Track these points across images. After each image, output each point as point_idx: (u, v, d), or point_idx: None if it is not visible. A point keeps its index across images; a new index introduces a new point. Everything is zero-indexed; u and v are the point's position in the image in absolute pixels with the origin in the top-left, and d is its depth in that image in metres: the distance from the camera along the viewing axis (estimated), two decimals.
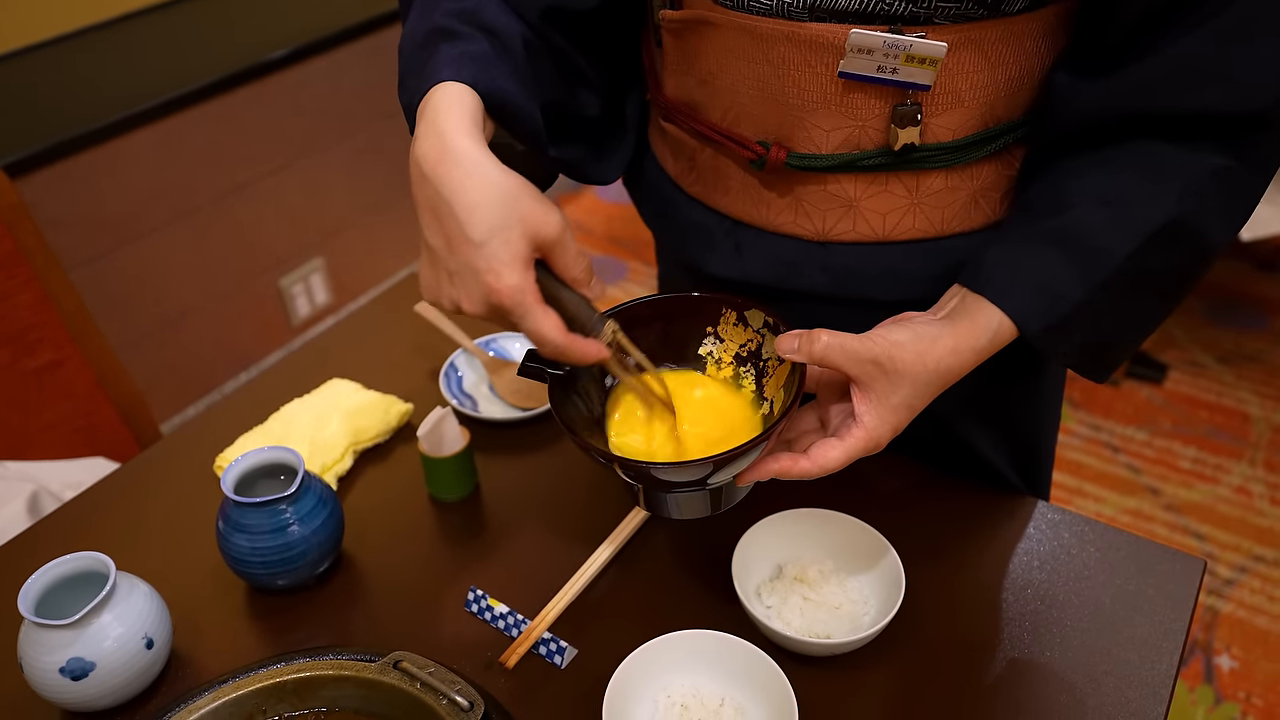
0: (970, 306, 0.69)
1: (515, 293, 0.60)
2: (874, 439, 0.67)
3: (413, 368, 1.11)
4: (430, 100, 0.65)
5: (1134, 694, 0.74)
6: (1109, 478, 2.22)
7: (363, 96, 2.50)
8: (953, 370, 0.67)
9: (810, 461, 0.66)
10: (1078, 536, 0.86)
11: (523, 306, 0.61)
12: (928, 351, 0.66)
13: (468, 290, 0.62)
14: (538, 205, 0.62)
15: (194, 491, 0.95)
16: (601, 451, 0.66)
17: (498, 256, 0.60)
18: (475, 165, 0.61)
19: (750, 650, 0.72)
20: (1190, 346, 2.58)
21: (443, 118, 0.63)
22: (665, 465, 0.65)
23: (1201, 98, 0.65)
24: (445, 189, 0.61)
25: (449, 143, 0.62)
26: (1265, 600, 1.93)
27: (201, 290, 2.30)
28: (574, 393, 0.72)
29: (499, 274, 0.60)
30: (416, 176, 0.63)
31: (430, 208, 0.62)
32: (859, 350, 0.65)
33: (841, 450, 0.66)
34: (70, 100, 1.97)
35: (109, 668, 0.72)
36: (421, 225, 0.64)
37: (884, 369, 0.65)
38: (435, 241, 0.63)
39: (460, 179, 0.61)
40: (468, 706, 0.67)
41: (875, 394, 0.66)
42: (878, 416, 0.66)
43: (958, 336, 0.67)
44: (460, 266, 0.61)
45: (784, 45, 0.72)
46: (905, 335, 0.66)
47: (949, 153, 0.74)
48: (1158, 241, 0.67)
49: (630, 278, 2.91)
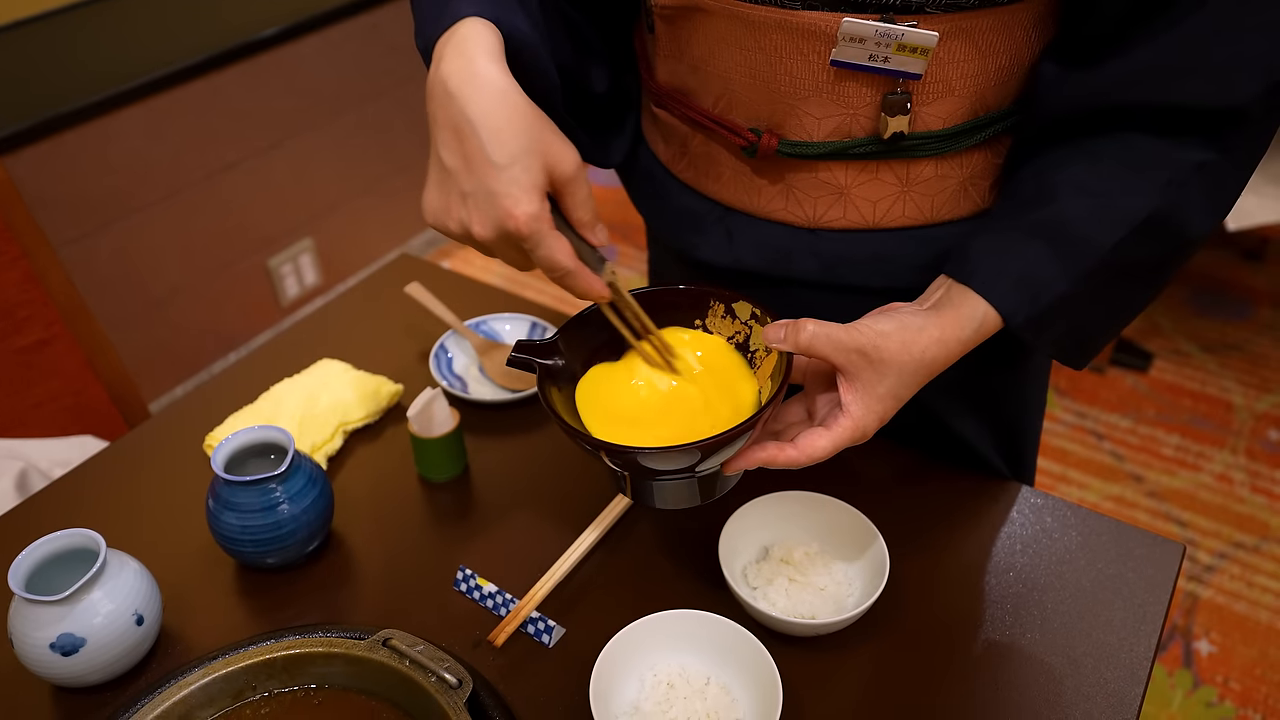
0: (956, 297, 0.70)
1: (532, 220, 0.60)
2: (860, 428, 0.67)
3: (403, 349, 1.11)
4: (456, 32, 0.64)
5: (1112, 675, 0.75)
6: (1093, 464, 2.24)
7: (354, 76, 2.49)
8: (938, 360, 0.68)
9: (797, 450, 0.67)
10: (1060, 521, 0.87)
11: (538, 234, 0.61)
12: (913, 341, 0.66)
13: (481, 213, 0.61)
14: (559, 140, 0.62)
15: (184, 470, 0.96)
16: (589, 438, 0.66)
17: (517, 182, 0.60)
18: (504, 90, 0.61)
19: (736, 630, 0.73)
20: (1175, 335, 2.59)
21: (470, 45, 0.63)
22: (652, 451, 0.64)
23: (1184, 91, 0.66)
24: (471, 109, 0.60)
25: (478, 67, 0.62)
26: (1244, 586, 1.95)
27: (190, 270, 2.29)
28: (562, 380, 0.72)
29: (517, 199, 0.60)
30: (440, 94, 0.62)
31: (451, 126, 0.61)
32: (845, 340, 0.66)
33: (828, 439, 0.67)
34: (57, 77, 1.96)
35: (99, 644, 0.72)
36: (437, 145, 0.63)
37: (870, 359, 0.66)
38: (453, 162, 0.62)
39: (487, 100, 0.61)
40: (456, 684, 0.67)
41: (861, 384, 0.67)
42: (864, 406, 0.67)
43: (943, 327, 0.68)
44: (476, 188, 0.61)
45: (776, 33, 0.72)
46: (891, 325, 0.67)
47: (939, 141, 0.75)
48: (1140, 233, 0.68)
49: (621, 262, 2.91)
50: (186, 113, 2.13)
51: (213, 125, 2.20)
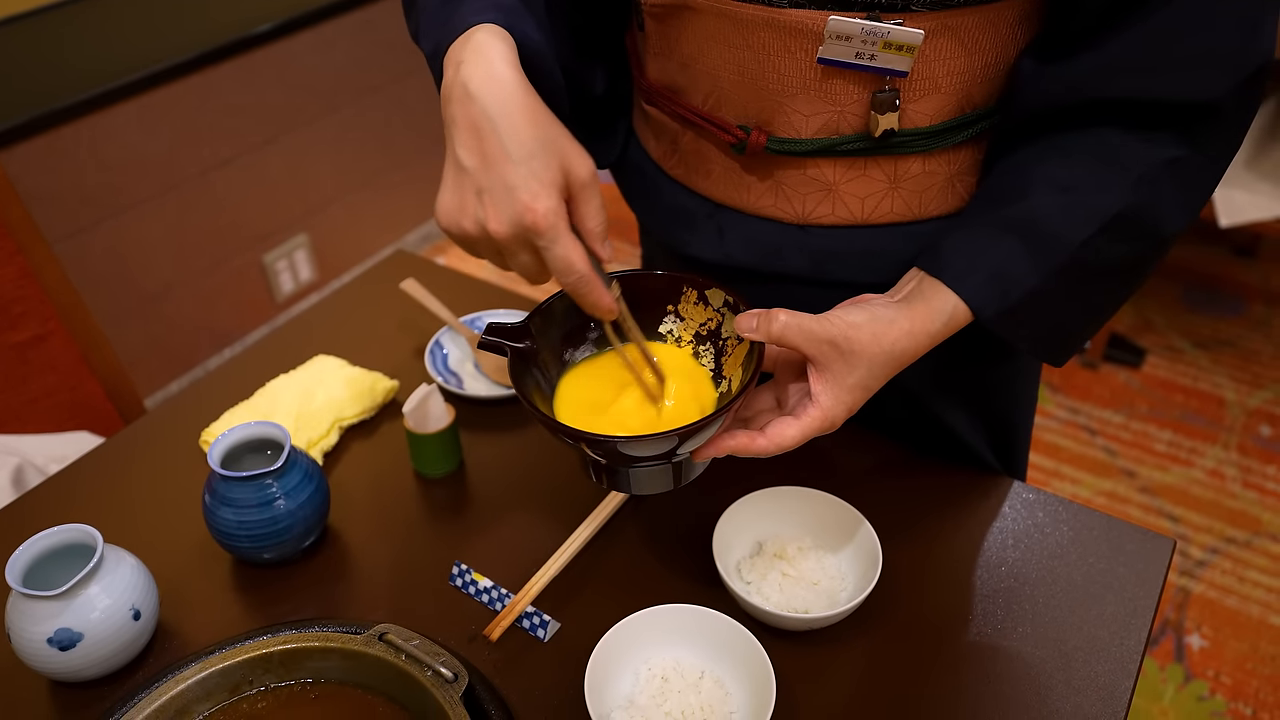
0: (927, 290, 0.70)
1: (550, 214, 0.61)
2: (829, 418, 0.67)
3: (398, 345, 1.11)
4: (471, 38, 0.65)
5: (1103, 668, 0.76)
6: (1086, 460, 2.25)
7: (348, 72, 2.49)
8: (908, 352, 0.68)
9: (766, 439, 0.67)
10: (1051, 516, 0.88)
11: (556, 230, 0.61)
12: (884, 333, 0.67)
13: (498, 208, 0.62)
14: (575, 145, 0.63)
15: (179, 466, 0.96)
16: (564, 427, 0.65)
17: (536, 176, 0.60)
18: (524, 93, 0.62)
19: (730, 624, 0.74)
20: (1168, 331, 2.60)
21: (489, 49, 0.64)
22: (629, 439, 0.64)
23: (1157, 85, 0.67)
24: (493, 107, 0.61)
25: (498, 71, 0.63)
26: (1235, 581, 1.97)
27: (184, 266, 2.29)
28: (534, 366, 0.71)
29: (536, 194, 0.60)
30: (460, 95, 0.63)
31: (471, 126, 0.62)
32: (816, 330, 0.66)
33: (797, 429, 0.67)
34: (51, 73, 1.96)
35: (96, 638, 0.73)
36: (455, 145, 0.63)
37: (840, 349, 0.66)
38: (470, 160, 0.62)
39: (508, 100, 0.62)
40: (452, 678, 0.68)
41: (831, 374, 0.67)
42: (833, 396, 0.67)
43: (914, 319, 0.68)
44: (494, 183, 0.61)
45: (764, 31, 0.72)
46: (862, 317, 0.67)
47: (926, 138, 0.75)
48: (1111, 229, 0.69)
49: (614, 257, 2.91)
50: (181, 108, 2.13)
51: (207, 121, 2.20)
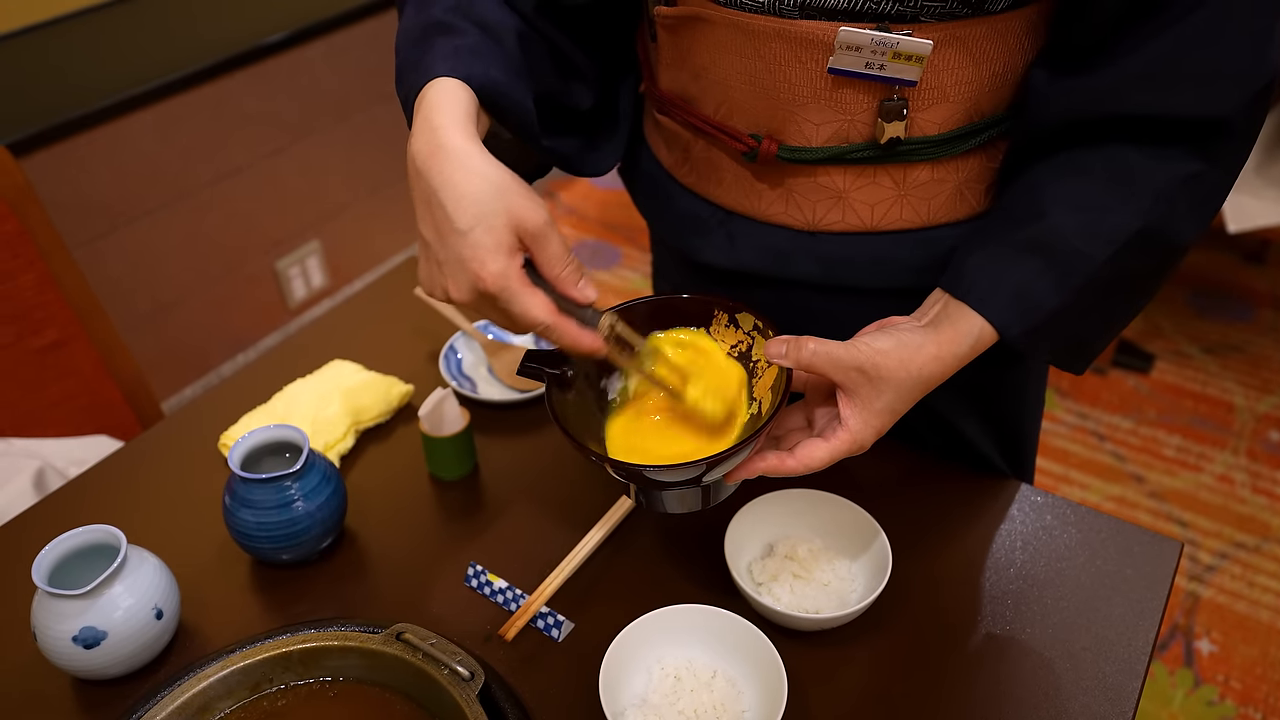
0: (953, 313, 0.71)
1: (498, 277, 0.62)
2: (858, 441, 0.69)
3: (412, 350, 1.13)
4: (425, 96, 0.67)
5: (1110, 670, 0.76)
6: (1094, 465, 2.25)
7: (360, 80, 2.50)
8: (935, 376, 0.70)
9: (796, 460, 0.69)
10: (1059, 519, 0.89)
11: (508, 291, 0.63)
12: (911, 359, 0.68)
13: (455, 279, 0.64)
14: (523, 198, 0.64)
15: (199, 468, 0.97)
16: (594, 453, 0.68)
17: (482, 244, 0.62)
18: (465, 159, 0.64)
19: (742, 624, 0.75)
20: (1177, 337, 2.60)
21: (436, 113, 0.66)
22: (657, 467, 0.66)
23: (1169, 102, 0.68)
24: (434, 181, 0.63)
25: (441, 138, 0.65)
26: (1245, 586, 1.96)
27: (198, 272, 2.31)
28: (570, 391, 0.73)
29: (483, 261, 0.62)
30: (411, 171, 0.66)
31: (423, 200, 0.65)
32: (844, 358, 0.67)
33: (826, 451, 0.69)
34: (67, 82, 1.98)
35: (120, 637, 0.74)
36: (417, 219, 0.66)
37: (868, 376, 0.67)
38: (428, 234, 0.65)
39: (449, 172, 0.63)
40: (468, 676, 0.69)
41: (860, 399, 0.68)
42: (861, 420, 0.69)
43: (940, 344, 0.70)
44: (448, 255, 0.64)
45: (775, 42, 0.74)
46: (889, 343, 0.68)
47: (934, 146, 0.76)
48: (1131, 247, 0.70)
49: (624, 263, 2.93)
50: (196, 117, 2.15)
51: (221, 129, 2.22)
